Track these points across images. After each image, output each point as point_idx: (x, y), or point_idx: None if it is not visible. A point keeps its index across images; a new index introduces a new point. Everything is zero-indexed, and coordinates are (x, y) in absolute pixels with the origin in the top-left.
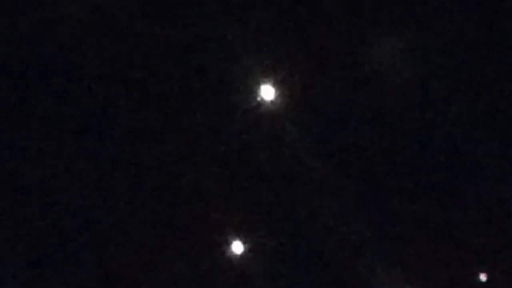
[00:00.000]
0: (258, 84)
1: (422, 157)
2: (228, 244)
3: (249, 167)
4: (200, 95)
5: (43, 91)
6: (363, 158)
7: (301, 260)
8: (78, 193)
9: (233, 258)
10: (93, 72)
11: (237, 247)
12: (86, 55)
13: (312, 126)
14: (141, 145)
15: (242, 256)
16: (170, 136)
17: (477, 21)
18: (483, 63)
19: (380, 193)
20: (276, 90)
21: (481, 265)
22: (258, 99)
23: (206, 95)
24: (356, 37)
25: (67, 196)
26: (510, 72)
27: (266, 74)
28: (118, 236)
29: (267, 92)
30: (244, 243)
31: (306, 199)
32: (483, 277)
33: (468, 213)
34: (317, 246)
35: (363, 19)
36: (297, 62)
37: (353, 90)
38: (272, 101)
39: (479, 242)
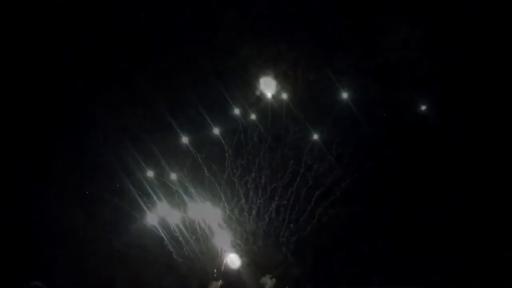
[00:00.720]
0: (257, 77)
1: (442, 160)
2: (224, 256)
3: (247, 169)
4: (192, 89)
5: (13, 84)
6: (375, 160)
7: (307, 276)
8: (54, 200)
9: (229, 272)
10: (71, 62)
11: (234, 261)
12: (64, 43)
13: (318, 124)
14: (125, 146)
15: (239, 270)
16: (158, 135)
17: (503, 5)
18: (510, 53)
19: (395, 199)
20: (278, 83)
21: (510, 281)
22: (258, 93)
23: (199, 89)
24: (368, 24)
25: (41, 202)
26: None
27: (267, 66)
28: (99, 247)
29: (268, 86)
30: (241, 256)
31: (310, 205)
32: None
33: (494, 222)
34: (324, 259)
35: (375, 4)
36: (302, 52)
37: (364, 84)
38: (273, 96)
39: (508, 255)
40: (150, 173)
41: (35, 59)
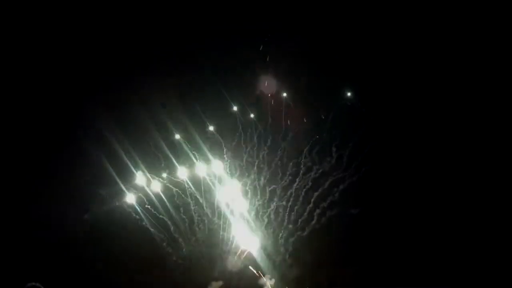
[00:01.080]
0: (256, 76)
1: (441, 160)
2: (224, 259)
3: (245, 171)
4: (190, 89)
5: (13, 83)
6: (379, 162)
7: (306, 276)
8: (52, 204)
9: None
10: (70, 62)
11: (233, 263)
12: (63, 42)
13: (319, 124)
14: (122, 147)
15: (238, 272)
16: (156, 136)
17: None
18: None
19: (398, 203)
20: (278, 83)
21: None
22: (257, 92)
23: (197, 87)
24: (368, 24)
25: (39, 206)
26: None
27: (266, 65)
28: (97, 250)
29: (267, 86)
30: (240, 256)
31: (309, 206)
32: None
33: (494, 222)
34: (323, 260)
35: (375, 4)
36: (303, 51)
37: (367, 83)
38: (272, 95)
39: (508, 256)
40: (140, 174)
41: (35, 59)
